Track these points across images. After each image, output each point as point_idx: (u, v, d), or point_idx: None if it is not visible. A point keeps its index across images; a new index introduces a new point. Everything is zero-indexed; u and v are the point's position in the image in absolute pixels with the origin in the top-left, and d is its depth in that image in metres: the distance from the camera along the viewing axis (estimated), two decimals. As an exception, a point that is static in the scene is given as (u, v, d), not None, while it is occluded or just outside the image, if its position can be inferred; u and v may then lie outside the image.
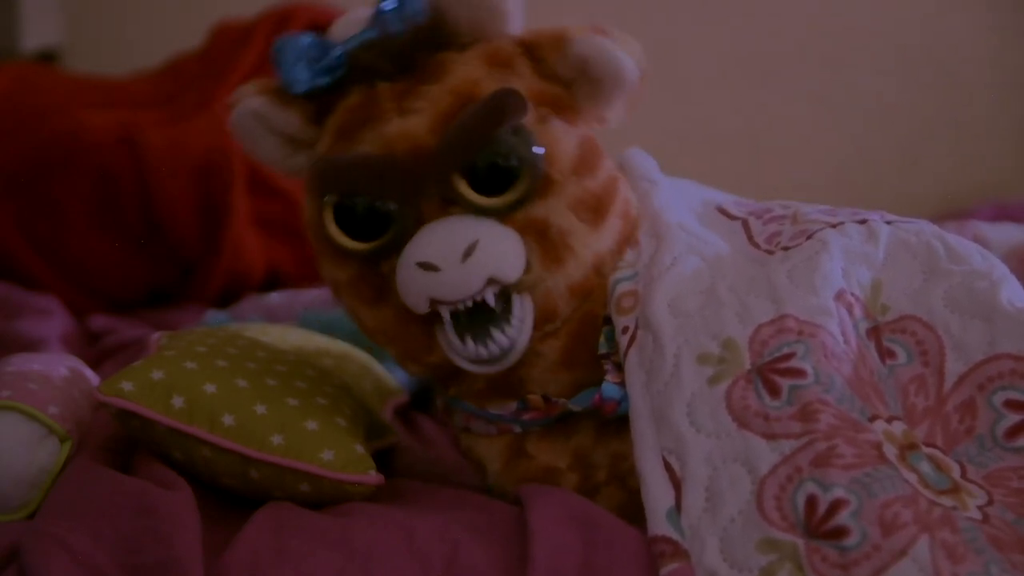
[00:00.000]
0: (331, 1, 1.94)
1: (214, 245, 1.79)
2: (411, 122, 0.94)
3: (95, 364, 1.33)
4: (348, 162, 0.95)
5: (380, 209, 0.93)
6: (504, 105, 0.92)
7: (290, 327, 1.37)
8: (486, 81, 0.94)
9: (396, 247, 0.93)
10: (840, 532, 0.80)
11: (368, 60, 0.96)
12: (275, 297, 1.59)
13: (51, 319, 1.58)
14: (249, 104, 0.99)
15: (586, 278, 0.96)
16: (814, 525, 0.81)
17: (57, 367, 1.09)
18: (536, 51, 0.97)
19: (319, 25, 1.04)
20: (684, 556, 0.84)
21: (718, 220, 1.03)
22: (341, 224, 0.95)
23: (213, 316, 1.55)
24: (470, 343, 0.92)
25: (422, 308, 0.93)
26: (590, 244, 0.95)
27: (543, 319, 0.95)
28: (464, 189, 0.92)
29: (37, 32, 2.27)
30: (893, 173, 2.32)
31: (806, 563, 0.80)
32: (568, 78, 0.97)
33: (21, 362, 1.08)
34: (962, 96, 2.32)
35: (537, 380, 0.97)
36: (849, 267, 0.95)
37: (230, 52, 1.91)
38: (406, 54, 0.95)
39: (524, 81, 0.95)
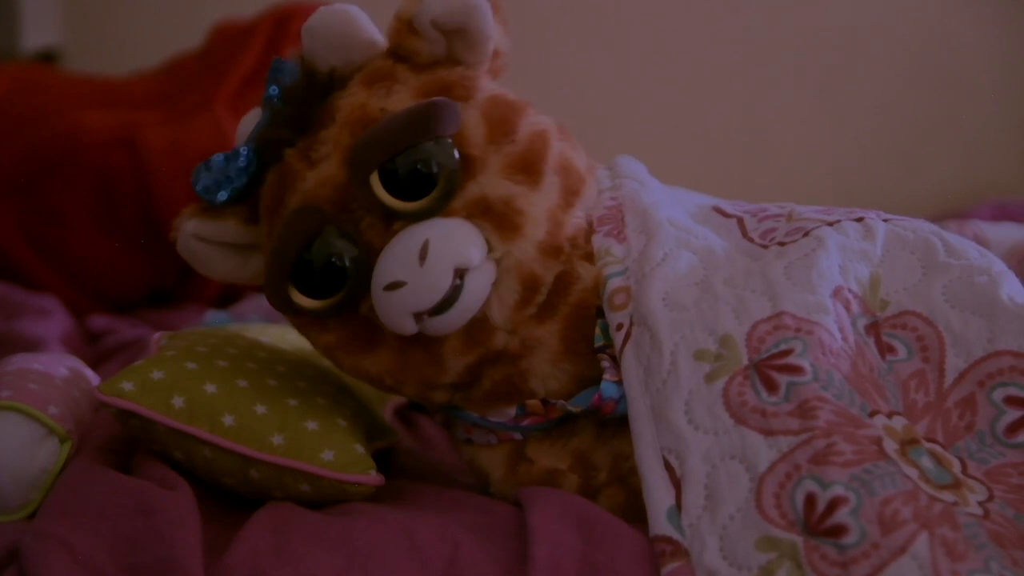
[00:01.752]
0: (331, 1, 1.94)
1: (214, 245, 1.79)
2: (323, 169, 0.95)
3: (95, 364, 1.33)
4: (280, 236, 0.95)
5: (336, 263, 0.94)
6: (430, 117, 0.93)
7: (290, 327, 1.37)
8: (371, 101, 0.95)
9: (364, 287, 0.94)
10: (839, 530, 0.80)
11: (268, 139, 0.97)
12: (275, 297, 1.58)
13: (51, 319, 1.58)
14: (186, 229, 1.00)
15: (550, 234, 0.95)
16: (813, 523, 0.81)
17: (57, 367, 1.09)
18: (400, 50, 0.98)
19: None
20: (684, 555, 0.84)
21: (713, 218, 1.03)
22: (305, 291, 0.95)
23: (213, 316, 1.55)
24: None
25: (410, 327, 0.93)
26: (536, 202, 0.95)
27: (528, 289, 0.95)
28: (383, 194, 0.92)
29: (37, 32, 2.27)
30: (894, 173, 2.33)
31: (805, 561, 0.80)
32: (441, 51, 0.97)
33: (21, 362, 1.08)
34: (963, 97, 2.33)
35: (539, 373, 0.97)
36: (846, 264, 0.95)
37: (230, 52, 1.91)
38: (297, 115, 0.97)
39: (406, 86, 0.96)
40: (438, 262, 0.91)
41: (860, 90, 2.33)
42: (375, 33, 0.99)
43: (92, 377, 1.12)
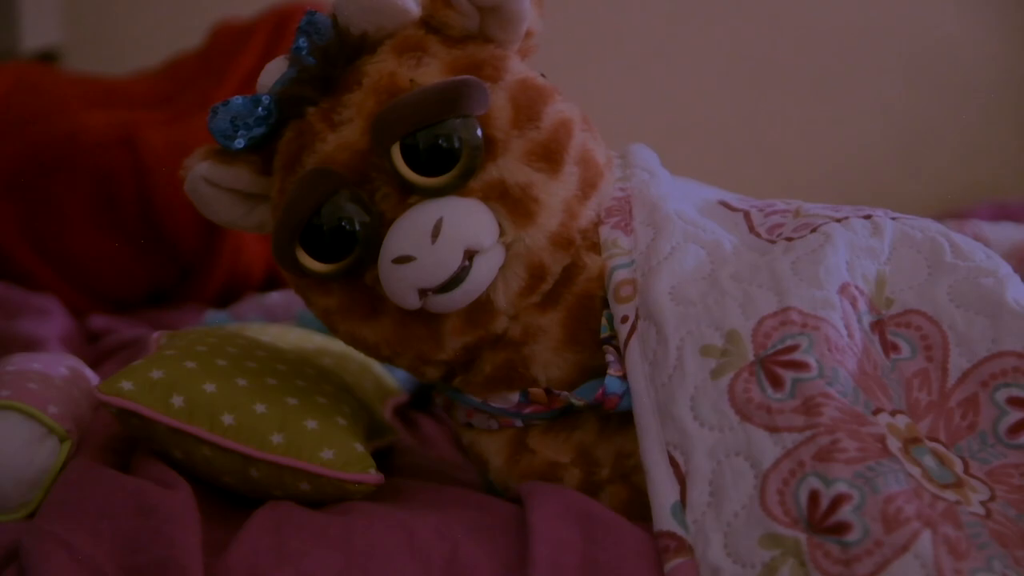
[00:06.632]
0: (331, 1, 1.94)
1: (214, 245, 1.79)
2: (344, 132, 0.94)
3: (95, 364, 1.33)
4: (293, 195, 0.95)
5: (347, 228, 0.93)
6: (461, 95, 0.92)
7: (289, 327, 1.37)
8: (400, 70, 0.95)
9: (371, 255, 0.94)
10: (842, 527, 0.79)
11: (292, 94, 0.97)
12: (275, 297, 1.59)
13: (51, 319, 1.58)
14: (197, 171, 0.99)
15: (563, 225, 0.95)
16: (816, 520, 0.81)
17: (57, 367, 1.09)
18: (433, 21, 0.97)
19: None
20: (688, 551, 0.84)
21: (719, 212, 1.03)
22: (313, 254, 0.95)
23: (213, 316, 1.55)
24: None
25: (413, 303, 0.93)
26: (554, 191, 0.95)
27: (535, 277, 0.95)
28: (402, 166, 0.92)
29: (37, 32, 2.27)
30: (893, 173, 2.33)
31: (808, 559, 0.80)
32: (474, 26, 0.96)
33: (21, 362, 1.08)
34: (962, 96, 2.33)
35: (541, 360, 0.97)
36: (854, 260, 0.95)
37: (230, 52, 1.91)
38: (324, 76, 0.96)
39: (437, 59, 0.95)
40: (450, 241, 0.90)
41: (860, 90, 2.33)
42: (409, 1, 0.98)
43: (92, 377, 1.12)
